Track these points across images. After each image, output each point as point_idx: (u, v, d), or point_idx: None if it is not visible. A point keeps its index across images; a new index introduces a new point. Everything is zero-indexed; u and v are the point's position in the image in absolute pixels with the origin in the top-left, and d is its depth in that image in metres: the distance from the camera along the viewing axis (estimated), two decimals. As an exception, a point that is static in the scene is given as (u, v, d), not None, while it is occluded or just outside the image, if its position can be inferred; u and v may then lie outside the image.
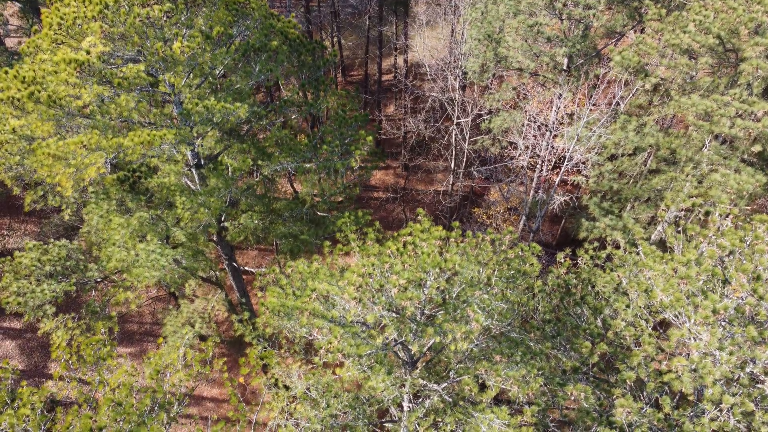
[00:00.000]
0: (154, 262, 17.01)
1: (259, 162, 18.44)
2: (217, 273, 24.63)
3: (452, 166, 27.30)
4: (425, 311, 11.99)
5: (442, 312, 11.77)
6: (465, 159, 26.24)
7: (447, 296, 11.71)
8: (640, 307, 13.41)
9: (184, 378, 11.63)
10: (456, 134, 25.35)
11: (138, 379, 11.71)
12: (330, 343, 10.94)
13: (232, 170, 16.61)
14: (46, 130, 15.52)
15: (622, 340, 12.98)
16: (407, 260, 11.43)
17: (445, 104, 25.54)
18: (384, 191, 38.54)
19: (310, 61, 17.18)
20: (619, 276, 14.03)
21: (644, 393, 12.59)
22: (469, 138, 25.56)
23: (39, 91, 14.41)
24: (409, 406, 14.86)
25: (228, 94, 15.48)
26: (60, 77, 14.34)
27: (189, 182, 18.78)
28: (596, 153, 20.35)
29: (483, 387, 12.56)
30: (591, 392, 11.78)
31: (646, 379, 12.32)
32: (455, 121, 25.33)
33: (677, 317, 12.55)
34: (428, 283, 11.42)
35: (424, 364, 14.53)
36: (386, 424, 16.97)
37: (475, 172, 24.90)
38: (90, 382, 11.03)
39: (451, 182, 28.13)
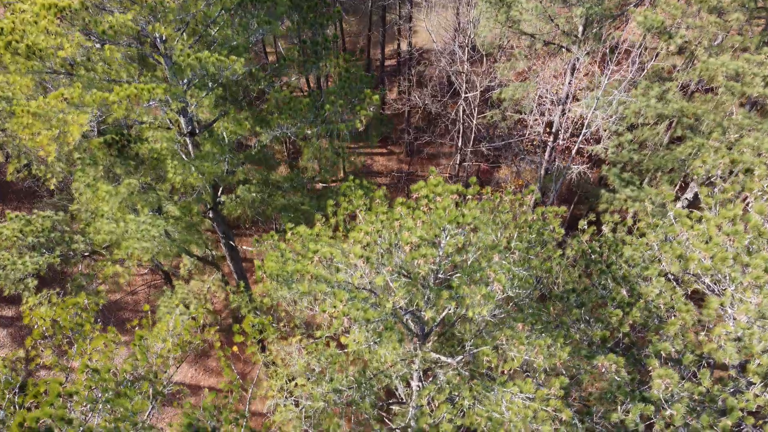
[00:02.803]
0: (144, 232, 15.86)
1: (257, 129, 17.28)
2: (214, 253, 23.47)
3: (459, 144, 26.11)
4: (440, 274, 10.81)
5: (458, 275, 10.60)
6: (473, 136, 25.05)
7: (465, 256, 10.53)
8: (674, 273, 12.24)
9: (172, 349, 10.47)
10: (463, 109, 24.15)
11: (122, 350, 10.56)
12: (334, 307, 9.77)
13: (229, 133, 15.48)
14: (25, 85, 14.35)
15: (655, 309, 11.81)
16: (420, 216, 10.26)
17: (453, 77, 24.36)
18: (387, 176, 37.32)
19: (312, 18, 16.00)
20: (649, 242, 12.84)
21: (680, 367, 11.41)
22: (478, 113, 24.37)
23: (17, 41, 13.23)
24: (418, 385, 13.69)
25: (224, 48, 14.31)
26: (40, 26, 13.16)
27: (183, 155, 17.60)
28: (615, 123, 19.17)
29: (503, 361, 11.40)
30: (623, 364, 10.60)
31: (682, 351, 11.15)
32: (462, 95, 24.14)
33: (717, 283, 11.38)
34: (443, 242, 10.23)
35: (436, 337, 13.35)
36: (393, 406, 15.81)
37: (484, 149, 23.72)
38: (67, 350, 9.88)
39: (457, 162, 26.93)
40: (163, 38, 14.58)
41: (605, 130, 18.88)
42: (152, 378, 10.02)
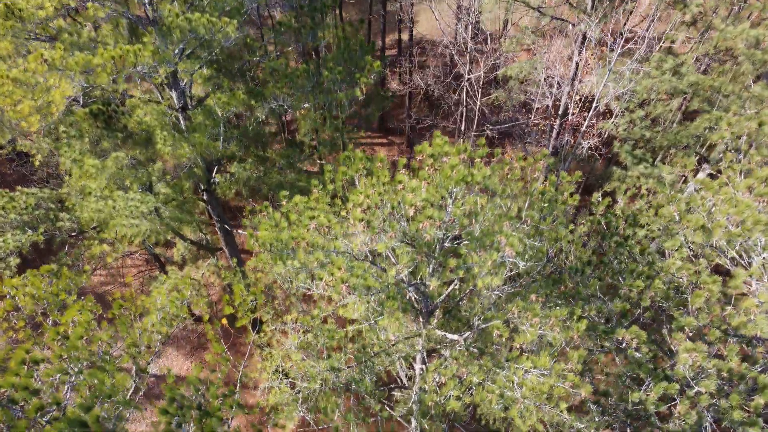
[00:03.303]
0: (133, 209, 15.04)
1: (252, 102, 16.45)
2: (208, 237, 22.65)
3: (462, 128, 25.26)
4: (446, 243, 9.98)
5: (466, 243, 9.77)
6: (476, 119, 24.20)
7: (474, 221, 9.69)
8: (693, 248, 11.42)
9: (158, 323, 9.64)
10: (467, 90, 23.32)
11: (104, 326, 9.71)
12: (331, 274, 8.94)
13: (221, 104, 14.68)
14: (4, 47, 13.55)
15: (678, 282, 10.97)
16: (425, 176, 9.43)
17: (456, 58, 23.53)
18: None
19: (309, -16, 15.17)
20: (668, 214, 12.00)
21: (706, 344, 10.57)
22: (482, 95, 23.53)
23: (-6, 0, 12.42)
24: (422, 368, 12.86)
25: (215, 10, 13.50)
26: (18, -17, 12.36)
27: (175, 132, 16.76)
28: (626, 99, 18.34)
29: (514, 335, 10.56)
30: (645, 339, 9.77)
31: (707, 326, 10.31)
32: (466, 77, 23.29)
33: (744, 252, 10.56)
34: (450, 206, 9.39)
35: (441, 315, 12.52)
36: (395, 392, 14.98)
37: (488, 132, 22.93)
38: (41, 322, 9.06)
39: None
40: (152, 0, 13.77)
41: (616, 107, 18.06)
42: (135, 353, 9.19)
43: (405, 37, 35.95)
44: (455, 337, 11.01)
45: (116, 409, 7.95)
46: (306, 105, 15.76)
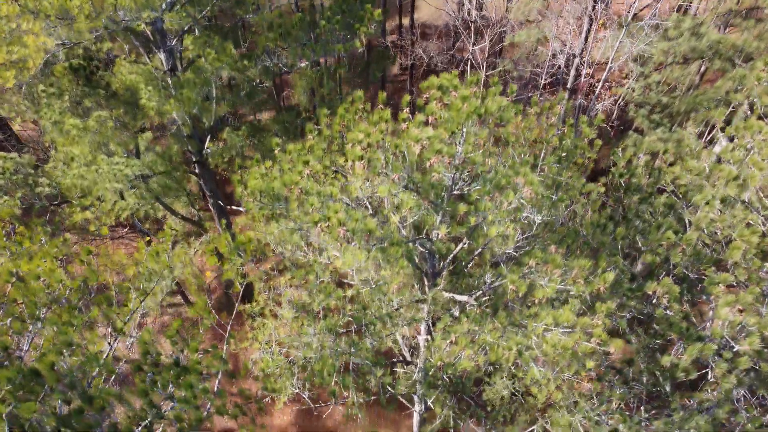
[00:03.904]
0: (117, 172, 14.04)
1: (245, 62, 15.43)
2: (200, 214, 21.63)
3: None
4: (455, 189, 8.96)
5: (478, 188, 8.75)
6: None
7: (487, 162, 8.69)
8: (728, 201, 10.41)
9: (137, 277, 8.62)
10: (471, 62, 22.29)
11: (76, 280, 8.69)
12: (327, 218, 7.93)
13: (212, 60, 13.67)
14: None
15: (709, 239, 9.97)
16: (432, 111, 8.40)
17: (460, 30, 22.51)
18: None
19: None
20: (695, 168, 11.00)
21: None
22: (487, 68, 22.52)
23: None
24: (427, 339, 11.84)
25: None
26: None
27: (162, 88, 15.69)
28: (641, 63, 17.32)
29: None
30: (678, 294, 8.76)
31: (746, 282, 9.31)
32: (470, 48, 22.26)
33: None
34: (461, 145, 8.37)
35: (449, 278, 11.49)
36: (397, 368, 13.95)
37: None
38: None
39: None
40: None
41: (632, 70, 17.06)
42: (107, 306, 8.17)
43: (406, 21, 34.91)
44: (464, 298, 10.00)
45: (88, 366, 6.95)
46: (303, 64, 14.75)
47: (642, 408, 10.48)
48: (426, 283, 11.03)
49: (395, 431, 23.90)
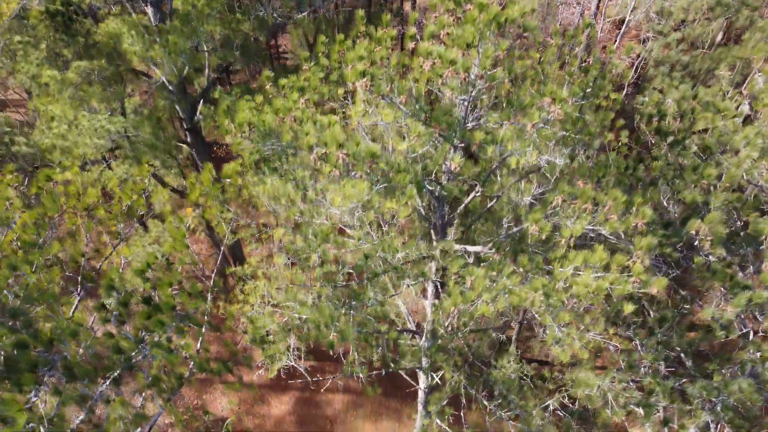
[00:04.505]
0: (99, 128, 12.98)
1: (237, 16, 14.38)
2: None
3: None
4: (470, 121, 7.89)
5: (497, 115, 7.69)
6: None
7: (507, 84, 7.61)
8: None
9: (109, 215, 7.53)
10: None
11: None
12: (325, 143, 6.86)
13: (201, 6, 12.60)
14: None
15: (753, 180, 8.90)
16: (444, 23, 7.33)
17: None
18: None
19: None
20: (731, 111, 9.93)
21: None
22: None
23: None
24: (433, 303, 10.74)
25: None
26: None
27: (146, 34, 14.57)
28: (659, 22, 16.25)
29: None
30: (723, 236, 7.69)
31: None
32: None
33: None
34: (477, 61, 7.30)
35: (459, 232, 10.43)
36: (401, 341, 12.86)
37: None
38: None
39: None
40: None
41: (649, 29, 16.01)
42: (75, 252, 7.09)
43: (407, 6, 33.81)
44: (478, 248, 8.92)
45: (40, 300, 5.87)
46: (300, 15, 13.72)
47: (673, 372, 9.43)
48: (434, 237, 9.97)
49: (397, 419, 22.82)
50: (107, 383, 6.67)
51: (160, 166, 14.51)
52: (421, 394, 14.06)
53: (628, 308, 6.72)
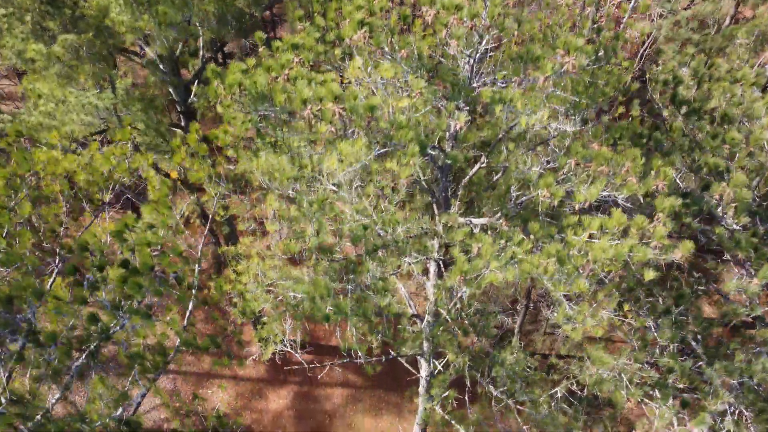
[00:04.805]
0: (87, 104, 12.46)
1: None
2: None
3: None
4: (475, 80, 7.37)
5: (505, 72, 7.16)
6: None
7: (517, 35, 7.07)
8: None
9: (92, 170, 6.94)
10: None
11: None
12: (319, 99, 6.33)
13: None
14: None
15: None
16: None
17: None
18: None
19: None
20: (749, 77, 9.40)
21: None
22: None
23: None
24: (436, 284, 10.20)
25: None
26: None
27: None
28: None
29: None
30: (749, 201, 7.16)
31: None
32: None
33: None
34: (484, 18, 6.77)
35: (463, 206, 9.88)
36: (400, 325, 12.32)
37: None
38: None
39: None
40: None
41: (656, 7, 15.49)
42: (50, 216, 6.55)
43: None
44: (483, 220, 8.38)
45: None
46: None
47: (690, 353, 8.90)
48: (436, 211, 9.44)
49: (397, 414, 22.29)
50: (83, 357, 6.14)
51: (148, 143, 13.95)
52: (422, 383, 13.51)
53: (649, 275, 6.18)
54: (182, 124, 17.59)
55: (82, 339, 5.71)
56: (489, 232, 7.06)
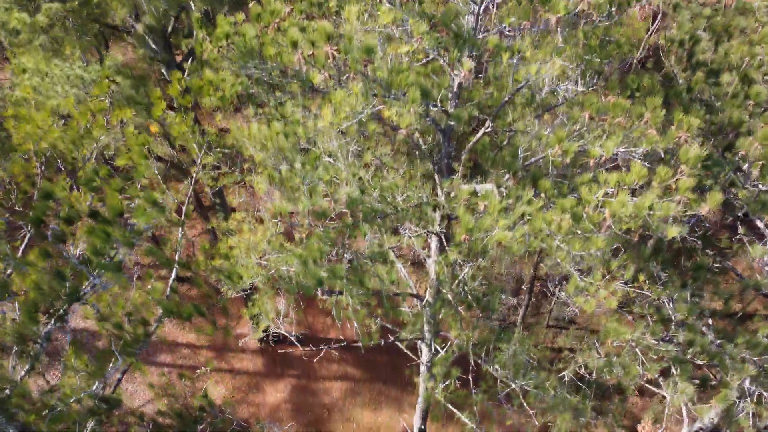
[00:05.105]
0: (72, 76, 11.92)
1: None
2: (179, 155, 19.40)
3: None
4: (481, 28, 6.83)
5: (513, 20, 6.61)
6: None
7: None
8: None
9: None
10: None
11: None
12: (312, 42, 5.79)
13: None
14: None
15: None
16: None
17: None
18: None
19: None
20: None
21: None
22: None
23: None
24: (437, 260, 9.63)
25: None
26: None
27: None
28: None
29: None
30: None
31: None
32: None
33: None
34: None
35: (467, 172, 9.31)
36: (402, 307, 11.77)
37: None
38: None
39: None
40: None
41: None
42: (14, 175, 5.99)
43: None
44: (489, 186, 7.82)
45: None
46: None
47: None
48: (438, 181, 8.87)
49: (397, 408, 21.77)
50: (53, 321, 5.58)
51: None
52: (423, 369, 12.95)
53: (672, 232, 5.63)
54: (174, 105, 17.03)
55: (48, 296, 5.16)
56: (496, 191, 6.50)
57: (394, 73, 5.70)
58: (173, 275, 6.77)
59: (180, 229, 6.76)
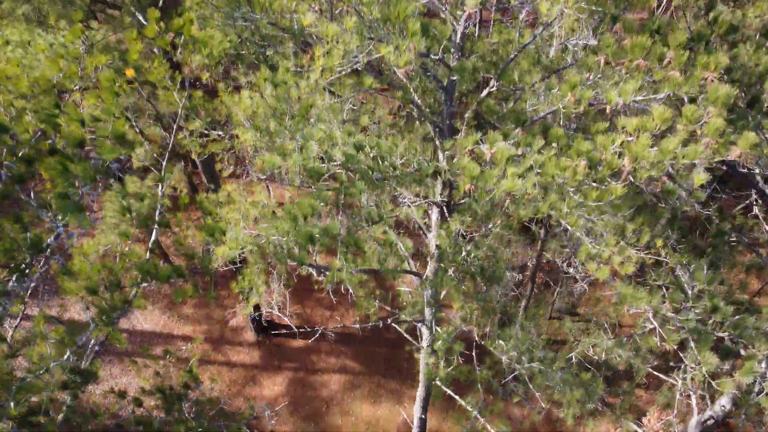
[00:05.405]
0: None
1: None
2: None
3: None
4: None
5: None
6: None
7: None
8: None
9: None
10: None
11: None
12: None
13: None
14: None
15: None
16: None
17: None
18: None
19: None
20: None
21: None
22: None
23: None
24: (438, 233, 9.06)
25: None
26: None
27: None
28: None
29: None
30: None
31: None
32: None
33: None
34: None
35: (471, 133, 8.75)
36: (401, 288, 11.23)
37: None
38: None
39: None
40: None
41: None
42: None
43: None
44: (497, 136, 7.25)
45: None
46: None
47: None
48: (439, 144, 8.33)
49: (397, 401, 21.27)
50: (13, 279, 5.03)
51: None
52: (423, 355, 12.41)
53: (700, 179, 5.10)
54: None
55: (5, 251, 4.61)
56: (506, 137, 5.95)
57: (392, 5, 5.15)
58: (153, 237, 6.23)
59: (160, 185, 6.21)
